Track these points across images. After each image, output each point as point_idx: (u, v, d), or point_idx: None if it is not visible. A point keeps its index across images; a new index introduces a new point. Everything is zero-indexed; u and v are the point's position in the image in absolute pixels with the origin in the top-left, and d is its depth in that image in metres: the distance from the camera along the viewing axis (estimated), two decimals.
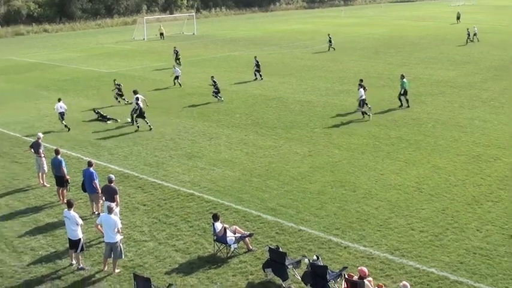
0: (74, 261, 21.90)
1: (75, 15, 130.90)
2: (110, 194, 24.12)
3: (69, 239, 21.70)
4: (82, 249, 21.68)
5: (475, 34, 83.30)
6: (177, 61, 67.16)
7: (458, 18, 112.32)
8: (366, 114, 41.95)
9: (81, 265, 21.70)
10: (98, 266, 21.77)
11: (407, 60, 68.46)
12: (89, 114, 44.81)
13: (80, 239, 21.45)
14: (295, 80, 57.50)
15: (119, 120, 42.93)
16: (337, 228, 24.28)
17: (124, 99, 49.39)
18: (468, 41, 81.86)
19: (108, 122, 42.93)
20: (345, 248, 22.58)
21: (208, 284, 20.31)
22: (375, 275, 19.96)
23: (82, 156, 34.81)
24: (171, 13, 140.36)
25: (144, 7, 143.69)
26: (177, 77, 56.30)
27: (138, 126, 40.51)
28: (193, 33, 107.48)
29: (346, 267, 19.89)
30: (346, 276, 18.57)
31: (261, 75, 58.60)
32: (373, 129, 38.61)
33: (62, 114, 41.55)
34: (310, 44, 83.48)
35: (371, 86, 51.33)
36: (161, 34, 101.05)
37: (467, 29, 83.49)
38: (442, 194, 27.54)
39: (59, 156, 28.00)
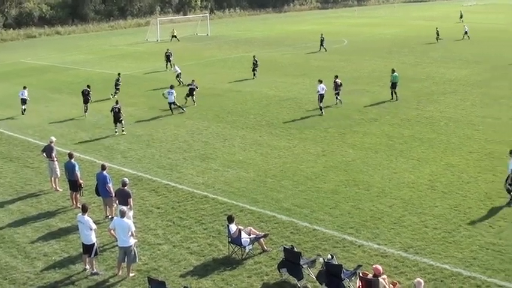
0: (87, 266, 21.91)
1: (88, 17, 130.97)
2: (123, 197, 24.14)
3: (82, 243, 21.71)
4: (96, 254, 21.67)
5: (466, 32, 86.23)
6: (168, 63, 67.06)
7: (461, 17, 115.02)
8: (321, 109, 43.53)
9: (95, 270, 21.71)
10: (112, 271, 21.78)
11: (420, 59, 68.38)
12: (101, 117, 44.93)
13: (93, 243, 21.44)
14: (309, 80, 57.37)
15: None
16: (351, 227, 24.33)
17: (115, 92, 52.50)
18: (438, 39, 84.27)
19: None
20: (359, 246, 22.62)
21: (224, 286, 20.33)
22: (389, 273, 19.97)
23: (95, 160, 34.87)
24: (185, 14, 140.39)
25: (158, 8, 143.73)
26: (178, 75, 57.30)
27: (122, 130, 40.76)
28: (207, 34, 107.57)
29: (361, 266, 19.92)
30: (361, 275, 18.55)
31: (254, 74, 60.00)
32: (386, 128, 38.61)
33: (24, 100, 47.53)
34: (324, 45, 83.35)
35: (385, 85, 51.28)
36: (174, 36, 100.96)
37: (436, 27, 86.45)
38: (454, 191, 27.65)
39: (72, 160, 27.92)
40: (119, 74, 53.70)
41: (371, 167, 31.59)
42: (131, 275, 21.29)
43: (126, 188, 24.42)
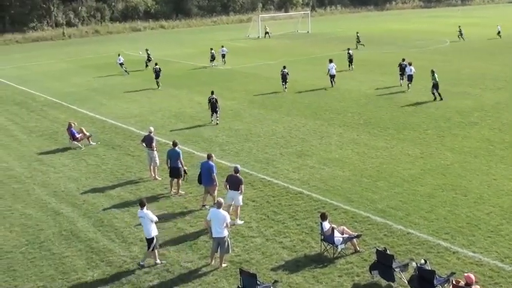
0: (158, 261, 22.14)
1: (192, 12, 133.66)
2: (236, 183, 24.84)
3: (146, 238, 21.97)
4: (154, 248, 21.76)
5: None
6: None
7: None
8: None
9: (158, 261, 21.98)
10: (205, 260, 22.14)
11: None
12: (201, 109, 45.56)
13: (153, 237, 21.65)
14: None
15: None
16: (446, 232, 23.83)
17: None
18: (358, 45, 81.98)
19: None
20: (453, 253, 22.13)
21: (314, 283, 20.34)
22: (483, 283, 19.53)
23: (193, 151, 35.50)
24: (286, 11, 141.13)
25: (260, 5, 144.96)
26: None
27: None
28: (308, 31, 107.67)
29: (454, 273, 19.48)
30: (454, 282, 18.24)
31: (350, 66, 63.28)
32: (487, 133, 37.64)
33: (121, 64, 65.32)
34: (425, 44, 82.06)
35: (486, 88, 50.12)
36: (266, 33, 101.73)
37: (357, 32, 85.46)
38: None
39: (176, 148, 28.64)
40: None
41: (469, 172, 30.84)
42: (223, 265, 21.59)
43: (238, 174, 25.05)
